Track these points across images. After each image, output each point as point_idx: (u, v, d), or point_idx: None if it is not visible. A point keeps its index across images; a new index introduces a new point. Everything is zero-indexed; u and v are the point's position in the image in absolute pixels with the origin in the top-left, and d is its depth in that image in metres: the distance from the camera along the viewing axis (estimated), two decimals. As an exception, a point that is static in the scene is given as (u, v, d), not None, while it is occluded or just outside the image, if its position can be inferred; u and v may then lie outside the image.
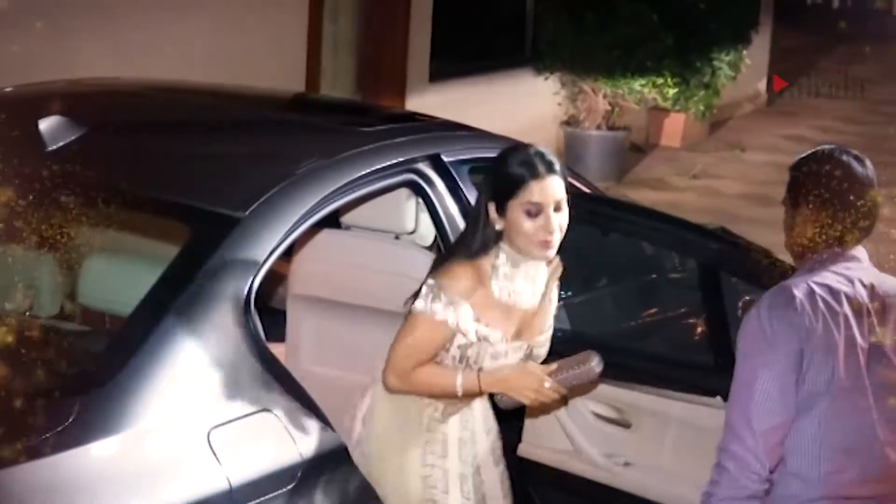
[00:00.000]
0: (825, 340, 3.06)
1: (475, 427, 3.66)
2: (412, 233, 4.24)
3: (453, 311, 3.39)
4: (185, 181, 3.69)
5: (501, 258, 3.47)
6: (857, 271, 3.19)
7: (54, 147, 3.66)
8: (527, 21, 11.77)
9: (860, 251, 3.23)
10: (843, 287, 3.13)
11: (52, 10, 6.98)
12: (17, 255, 3.72)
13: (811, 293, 3.08)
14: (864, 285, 3.16)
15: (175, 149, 3.95)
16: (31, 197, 3.42)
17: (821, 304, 3.07)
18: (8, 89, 4.48)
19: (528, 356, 3.61)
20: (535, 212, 3.40)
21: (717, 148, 13.19)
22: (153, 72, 6.13)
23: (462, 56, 10.81)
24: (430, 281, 3.43)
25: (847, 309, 3.10)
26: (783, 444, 3.09)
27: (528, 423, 4.29)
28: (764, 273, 3.79)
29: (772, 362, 3.06)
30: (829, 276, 3.14)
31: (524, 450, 4.31)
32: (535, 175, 3.39)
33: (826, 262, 3.18)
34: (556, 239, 3.44)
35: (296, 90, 8.10)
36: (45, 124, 3.69)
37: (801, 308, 3.06)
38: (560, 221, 3.44)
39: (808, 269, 3.19)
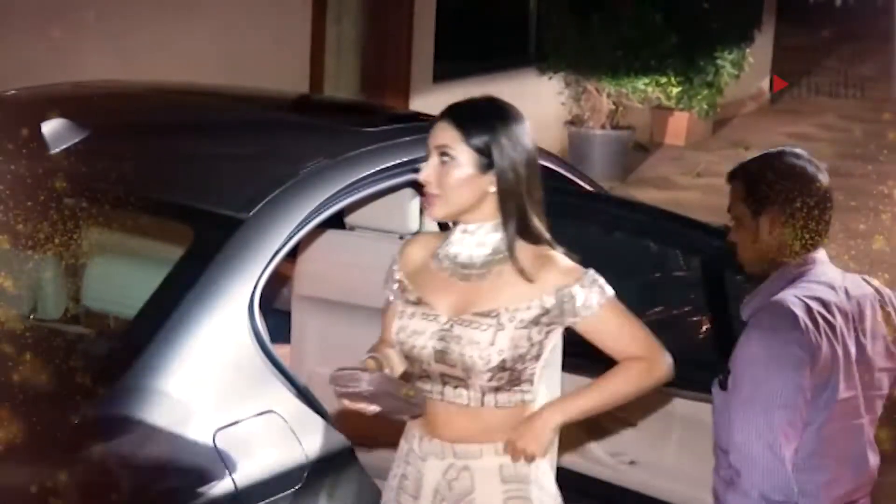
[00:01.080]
0: (829, 358, 3.04)
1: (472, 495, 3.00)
2: (416, 233, 4.24)
3: (388, 283, 3.19)
4: (188, 183, 3.68)
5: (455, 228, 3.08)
6: (832, 274, 3.17)
7: (57, 150, 3.66)
8: (530, 21, 11.79)
9: (822, 252, 3.20)
10: (831, 297, 3.10)
11: (55, 12, 6.99)
12: (21, 258, 3.73)
13: (809, 310, 3.03)
14: (844, 291, 3.14)
15: (178, 150, 3.94)
16: (34, 200, 3.43)
17: (821, 321, 3.03)
18: (12, 92, 4.48)
19: (445, 338, 2.96)
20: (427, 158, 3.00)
21: (720, 146, 13.17)
22: (157, 74, 6.12)
23: (466, 56, 10.82)
24: None
25: (840, 320, 3.08)
26: None
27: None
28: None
29: (786, 387, 2.98)
30: (815, 288, 3.10)
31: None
32: (436, 120, 3.00)
33: (804, 270, 3.14)
34: (434, 192, 2.94)
35: (300, 91, 8.10)
36: (48, 127, 3.69)
37: (805, 328, 3.00)
38: (442, 173, 2.92)
39: (788, 281, 3.13)
